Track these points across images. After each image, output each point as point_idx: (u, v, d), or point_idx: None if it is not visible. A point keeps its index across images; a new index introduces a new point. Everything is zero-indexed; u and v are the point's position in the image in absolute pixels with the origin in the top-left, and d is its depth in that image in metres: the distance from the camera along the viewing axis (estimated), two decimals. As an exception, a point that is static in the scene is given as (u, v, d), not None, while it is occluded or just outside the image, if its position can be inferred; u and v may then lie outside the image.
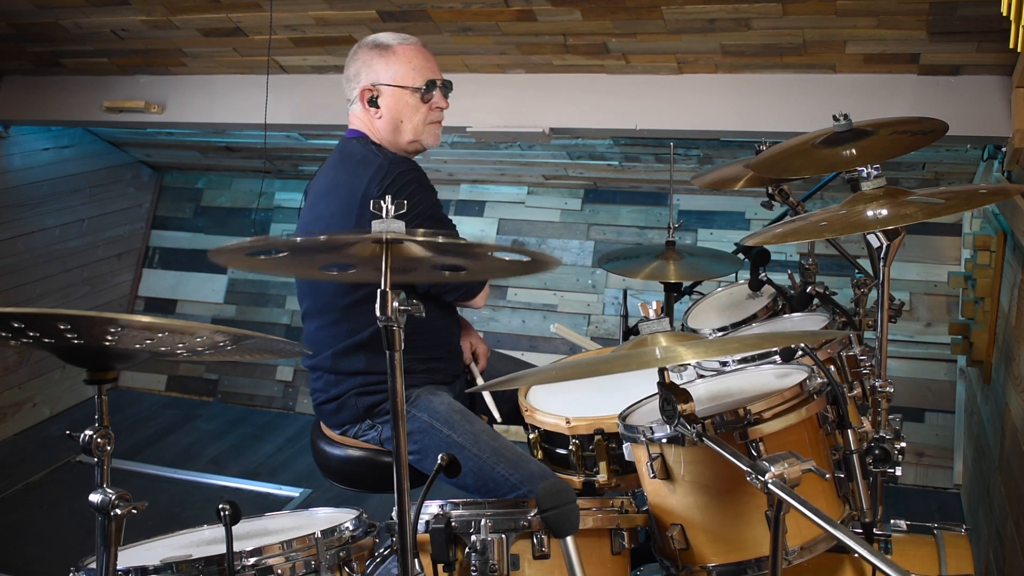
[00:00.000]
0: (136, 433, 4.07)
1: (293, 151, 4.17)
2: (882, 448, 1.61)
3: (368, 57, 2.19)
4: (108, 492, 1.23)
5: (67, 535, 3.17)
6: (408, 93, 2.18)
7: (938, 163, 3.34)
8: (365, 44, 2.22)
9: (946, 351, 3.45)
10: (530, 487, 1.94)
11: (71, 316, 1.11)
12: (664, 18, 2.69)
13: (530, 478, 1.95)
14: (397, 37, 2.21)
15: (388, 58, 2.18)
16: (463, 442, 2.03)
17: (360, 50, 2.22)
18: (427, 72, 2.20)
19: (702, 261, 2.47)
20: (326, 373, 2.19)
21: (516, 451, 2.05)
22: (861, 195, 1.60)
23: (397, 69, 2.17)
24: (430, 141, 2.24)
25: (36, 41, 3.50)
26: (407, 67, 2.18)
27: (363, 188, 2.06)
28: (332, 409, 2.19)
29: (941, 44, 2.60)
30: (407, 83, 2.17)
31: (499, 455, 2.00)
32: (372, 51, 2.19)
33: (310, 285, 2.21)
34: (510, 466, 1.98)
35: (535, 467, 1.99)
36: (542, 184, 4.17)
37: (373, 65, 2.18)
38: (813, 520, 1.22)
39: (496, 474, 1.97)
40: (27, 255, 4.09)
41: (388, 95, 2.18)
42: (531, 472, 1.97)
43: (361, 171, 2.10)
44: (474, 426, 2.08)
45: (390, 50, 2.18)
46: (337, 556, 1.50)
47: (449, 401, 2.14)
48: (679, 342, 1.38)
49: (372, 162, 2.11)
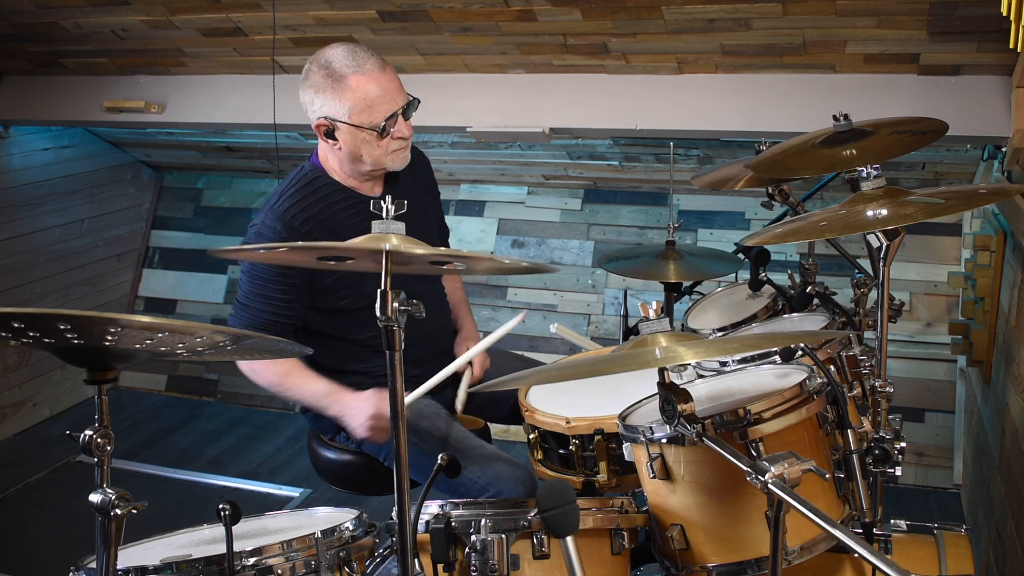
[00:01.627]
0: (136, 433, 4.07)
1: (293, 151, 4.17)
2: (882, 448, 1.61)
3: (320, 84, 1.99)
4: (108, 492, 1.23)
5: (67, 535, 3.17)
6: (363, 131, 2.00)
7: (938, 163, 3.34)
8: (317, 66, 2.00)
9: (946, 351, 3.45)
10: (499, 487, 1.94)
11: (71, 316, 1.11)
12: (664, 18, 2.69)
13: (498, 478, 1.95)
14: (352, 62, 1.98)
15: (340, 92, 1.97)
16: (429, 449, 2.00)
17: (313, 74, 2.01)
18: (384, 105, 1.99)
19: (702, 261, 2.47)
20: None
21: (484, 450, 2.03)
22: (861, 195, 1.61)
23: (351, 105, 1.97)
24: (396, 165, 2.10)
25: (36, 41, 3.50)
26: (361, 104, 1.97)
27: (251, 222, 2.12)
28: (312, 416, 2.20)
29: (941, 44, 2.60)
30: (363, 123, 1.99)
31: (465, 458, 1.94)
32: (325, 80, 1.98)
33: None
34: (478, 468, 1.97)
35: (503, 466, 1.98)
36: (542, 184, 4.17)
37: (325, 97, 1.99)
38: (813, 520, 1.22)
39: (465, 478, 1.96)
40: (27, 255, 4.09)
41: (344, 131, 2.01)
42: (499, 472, 1.96)
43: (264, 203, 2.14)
44: (440, 430, 2.05)
45: (342, 83, 1.97)
46: (337, 556, 1.50)
47: (418, 407, 2.08)
48: (679, 342, 1.38)
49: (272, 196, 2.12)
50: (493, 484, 1.95)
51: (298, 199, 2.07)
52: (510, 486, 1.94)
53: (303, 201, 2.07)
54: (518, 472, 1.98)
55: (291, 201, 2.06)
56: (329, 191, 2.11)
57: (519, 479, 1.96)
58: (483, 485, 1.96)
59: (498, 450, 2.06)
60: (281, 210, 2.05)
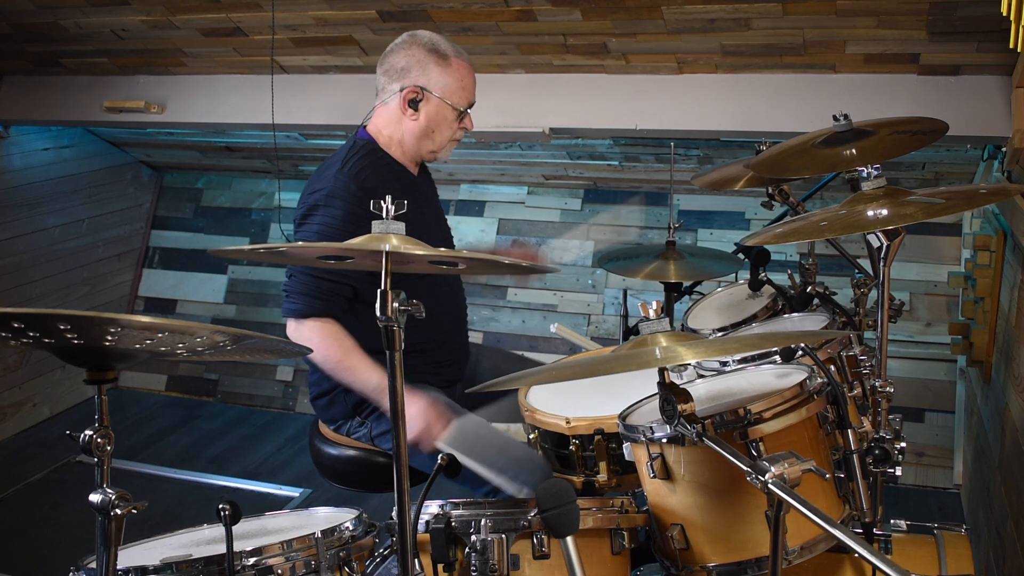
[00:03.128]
0: (136, 433, 4.07)
1: (293, 151, 4.17)
2: (882, 448, 1.61)
3: (423, 58, 2.13)
4: (108, 492, 1.23)
5: (67, 535, 3.17)
6: (449, 110, 2.15)
7: (938, 163, 3.34)
8: (420, 42, 2.14)
9: (946, 351, 3.45)
10: (515, 472, 1.94)
11: (71, 316, 1.11)
12: (664, 18, 2.69)
13: (515, 462, 1.95)
14: (453, 48, 2.16)
15: (444, 68, 2.13)
16: None
17: (414, 47, 2.14)
18: (468, 94, 2.18)
19: (702, 261, 2.47)
20: (319, 368, 2.18)
21: (501, 437, 2.04)
22: (861, 195, 1.60)
23: (448, 82, 2.14)
24: (445, 156, 2.24)
25: (36, 41, 3.50)
26: (458, 84, 2.15)
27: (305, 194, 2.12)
28: (324, 404, 2.21)
29: (941, 44, 2.60)
30: (453, 101, 2.15)
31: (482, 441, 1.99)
32: (429, 54, 2.13)
33: None
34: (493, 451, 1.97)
35: (520, 451, 1.98)
36: (542, 184, 4.17)
37: (428, 69, 2.13)
38: (813, 520, 1.22)
39: None
40: (27, 255, 4.09)
41: (432, 104, 2.14)
42: (516, 457, 1.96)
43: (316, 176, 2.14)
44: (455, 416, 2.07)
45: (447, 60, 2.14)
46: (337, 556, 1.50)
47: (433, 395, 2.11)
48: (679, 342, 1.38)
49: (328, 167, 2.13)
50: (509, 467, 1.95)
51: (366, 163, 2.14)
52: (527, 471, 1.94)
53: (371, 166, 2.14)
54: (534, 458, 1.97)
55: (360, 165, 2.12)
56: (388, 160, 2.20)
57: (535, 462, 1.95)
58: (499, 468, 1.95)
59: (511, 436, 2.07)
60: (353, 172, 2.10)
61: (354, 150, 2.17)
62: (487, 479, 1.94)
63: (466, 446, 1.97)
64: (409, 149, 2.21)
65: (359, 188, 2.07)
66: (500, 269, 2.11)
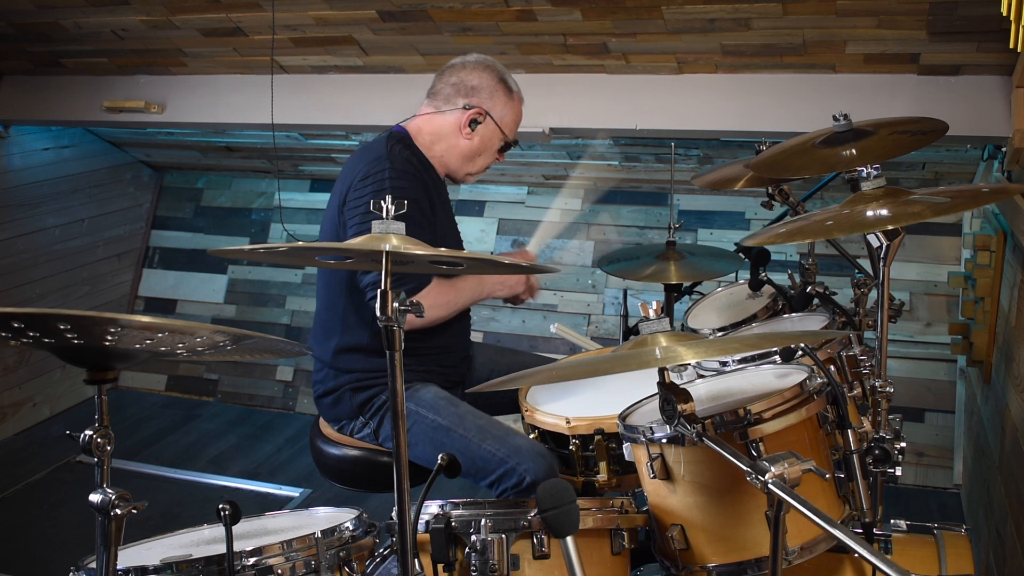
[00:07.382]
0: (136, 433, 4.07)
1: (293, 151, 4.17)
2: (882, 448, 1.61)
3: (495, 85, 2.24)
4: (108, 492, 1.23)
5: (67, 535, 3.17)
6: (499, 140, 2.27)
7: (938, 163, 3.34)
8: (495, 69, 2.26)
9: (946, 351, 3.45)
10: (518, 460, 1.95)
11: (71, 316, 1.11)
12: (664, 18, 2.69)
13: (517, 451, 1.96)
14: (516, 87, 2.29)
15: (509, 101, 2.26)
16: (449, 424, 2.05)
17: (488, 71, 2.25)
18: (516, 130, 2.32)
19: (702, 261, 2.46)
20: (326, 366, 2.21)
21: (503, 427, 2.06)
22: (861, 195, 1.60)
23: (506, 114, 2.26)
24: (471, 180, 2.35)
25: (36, 41, 3.50)
26: (512, 119, 2.28)
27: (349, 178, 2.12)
28: (330, 403, 2.22)
29: (941, 44, 2.60)
30: (506, 132, 2.27)
31: (485, 432, 2.02)
32: (499, 83, 2.25)
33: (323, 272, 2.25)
34: (496, 442, 1.99)
35: (522, 440, 1.99)
36: (542, 184, 4.17)
37: (496, 97, 2.24)
38: (813, 520, 1.22)
39: (483, 451, 1.99)
40: (27, 255, 4.09)
41: (489, 129, 2.24)
42: (518, 446, 1.97)
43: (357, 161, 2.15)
44: (459, 408, 2.10)
45: (512, 95, 2.27)
46: (337, 556, 1.50)
47: (435, 390, 2.16)
48: (679, 342, 1.38)
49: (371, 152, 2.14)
50: (512, 456, 1.95)
51: (408, 152, 2.19)
52: (529, 459, 1.94)
53: (413, 156, 2.20)
54: (537, 447, 1.98)
55: (405, 154, 2.17)
56: (423, 157, 2.25)
57: (538, 453, 1.96)
58: (502, 457, 1.96)
59: (515, 430, 2.07)
60: (403, 156, 2.15)
61: (395, 140, 2.20)
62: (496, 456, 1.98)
63: None
64: (450, 163, 2.27)
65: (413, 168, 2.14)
66: (500, 269, 2.12)
